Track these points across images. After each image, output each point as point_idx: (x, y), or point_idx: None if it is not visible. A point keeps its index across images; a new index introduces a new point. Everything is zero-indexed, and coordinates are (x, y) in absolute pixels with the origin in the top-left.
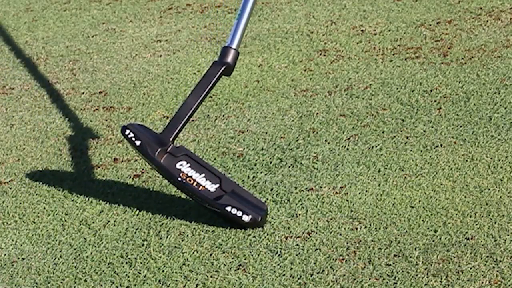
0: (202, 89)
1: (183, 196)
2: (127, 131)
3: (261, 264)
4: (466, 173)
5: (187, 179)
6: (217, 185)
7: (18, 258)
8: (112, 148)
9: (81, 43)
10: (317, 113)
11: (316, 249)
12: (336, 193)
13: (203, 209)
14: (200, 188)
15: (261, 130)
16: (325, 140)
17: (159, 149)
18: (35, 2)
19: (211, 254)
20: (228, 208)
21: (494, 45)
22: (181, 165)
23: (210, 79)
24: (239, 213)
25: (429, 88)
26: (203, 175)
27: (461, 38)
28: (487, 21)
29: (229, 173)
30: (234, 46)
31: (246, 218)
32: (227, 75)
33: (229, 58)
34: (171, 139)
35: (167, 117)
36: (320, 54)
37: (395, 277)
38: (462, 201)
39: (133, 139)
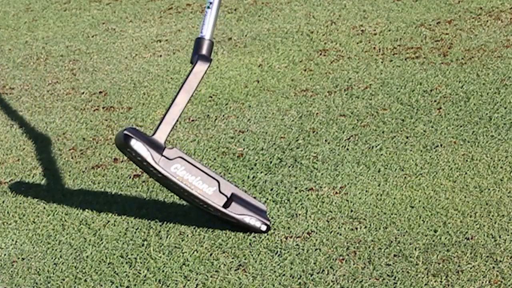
0: (191, 87)
1: None
2: (133, 141)
3: (261, 264)
4: (466, 173)
5: (184, 182)
6: (215, 188)
7: (18, 258)
8: (112, 148)
9: (81, 43)
10: (317, 113)
11: (316, 249)
12: (336, 193)
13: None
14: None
15: (261, 130)
16: (325, 140)
17: (160, 157)
18: (35, 2)
19: (211, 254)
20: (246, 219)
21: (494, 45)
22: (176, 168)
23: (198, 77)
24: (258, 224)
25: (429, 88)
26: (199, 178)
27: (461, 38)
28: (487, 21)
29: (229, 173)
30: (209, 37)
31: (264, 227)
32: None
33: (207, 51)
34: (164, 141)
35: None
36: (320, 54)
37: (395, 277)
38: (462, 201)
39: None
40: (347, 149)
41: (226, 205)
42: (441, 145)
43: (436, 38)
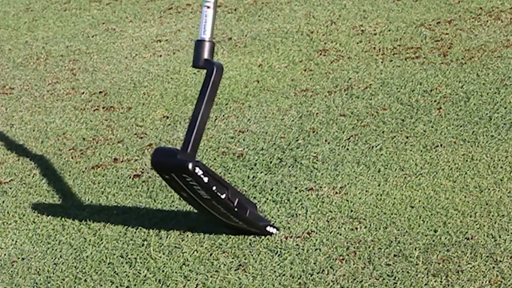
0: (212, 97)
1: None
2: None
3: (261, 264)
4: (466, 173)
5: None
6: (224, 196)
7: (18, 258)
8: (112, 148)
9: (81, 43)
10: (317, 113)
11: (316, 249)
12: (336, 193)
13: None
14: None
15: (261, 130)
16: (325, 140)
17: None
18: (35, 2)
19: (211, 254)
20: (267, 228)
21: (494, 45)
22: None
23: (217, 87)
24: (274, 230)
25: (429, 88)
26: (214, 187)
27: (461, 38)
28: (487, 21)
29: (229, 173)
30: (210, 38)
31: (275, 231)
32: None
33: (212, 55)
34: (195, 157)
35: (167, 117)
36: (320, 54)
37: (395, 277)
38: (462, 201)
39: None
40: (347, 149)
41: (245, 213)
42: (441, 145)
43: (436, 38)
